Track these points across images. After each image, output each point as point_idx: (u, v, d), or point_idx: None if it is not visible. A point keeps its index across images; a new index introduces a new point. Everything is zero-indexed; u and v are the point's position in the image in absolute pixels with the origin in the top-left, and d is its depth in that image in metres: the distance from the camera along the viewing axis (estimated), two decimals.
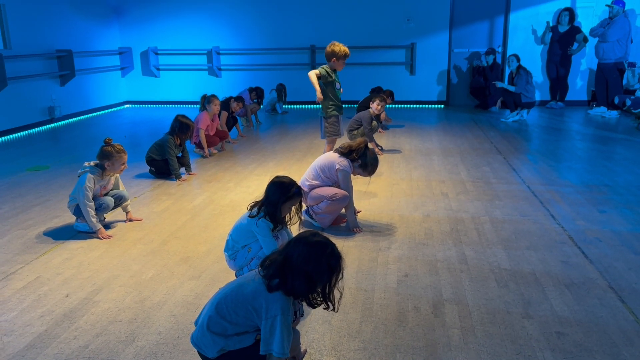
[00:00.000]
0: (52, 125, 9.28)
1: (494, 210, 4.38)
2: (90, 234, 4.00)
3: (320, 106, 5.29)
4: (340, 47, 5.04)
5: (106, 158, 3.99)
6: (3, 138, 8.13)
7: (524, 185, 5.07)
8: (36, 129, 8.89)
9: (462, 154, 6.48)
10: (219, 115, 6.95)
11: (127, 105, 11.84)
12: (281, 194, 2.90)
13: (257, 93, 8.97)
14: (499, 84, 9.09)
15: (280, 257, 2.00)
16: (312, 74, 5.09)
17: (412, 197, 4.79)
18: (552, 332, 2.57)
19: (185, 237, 3.95)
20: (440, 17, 10.50)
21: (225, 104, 7.44)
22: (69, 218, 4.27)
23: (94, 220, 3.90)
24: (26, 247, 3.80)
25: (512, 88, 8.81)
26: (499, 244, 3.66)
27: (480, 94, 10.49)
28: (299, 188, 3.00)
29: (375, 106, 6.62)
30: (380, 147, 6.78)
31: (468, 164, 5.94)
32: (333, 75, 5.16)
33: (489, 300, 2.89)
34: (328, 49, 5.10)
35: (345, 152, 3.94)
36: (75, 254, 3.67)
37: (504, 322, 2.67)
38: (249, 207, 2.96)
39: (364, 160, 3.94)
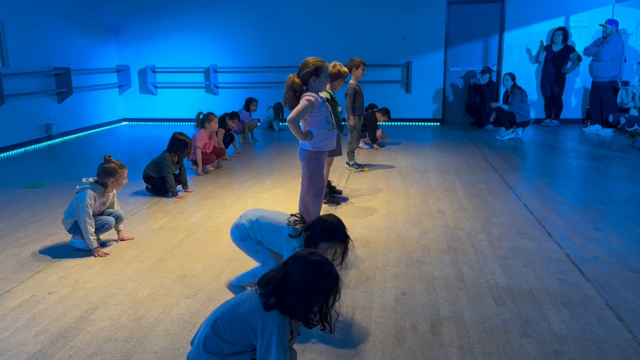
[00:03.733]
0: (49, 142, 9.28)
1: (491, 227, 4.39)
2: (86, 251, 3.98)
3: None
4: (344, 68, 5.04)
5: (110, 175, 4.00)
6: (0, 155, 8.13)
7: (520, 203, 5.08)
8: (33, 146, 8.89)
9: (459, 171, 6.50)
10: (216, 132, 6.97)
11: (125, 123, 11.87)
12: (323, 232, 2.82)
13: (250, 101, 9.03)
14: (493, 105, 9.20)
15: (278, 276, 2.00)
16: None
17: (409, 215, 4.79)
18: (550, 350, 2.56)
19: (181, 254, 3.93)
20: (436, 36, 10.61)
21: (222, 122, 7.47)
22: (65, 236, 4.25)
23: (92, 238, 3.89)
24: (21, 265, 3.78)
25: (506, 107, 8.89)
26: (496, 262, 3.66)
27: (476, 112, 10.57)
28: (345, 235, 2.85)
29: (359, 72, 6.36)
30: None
31: (464, 182, 5.96)
32: (334, 96, 5.14)
33: (486, 318, 2.88)
34: (333, 69, 4.96)
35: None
36: (71, 272, 3.65)
37: (501, 340, 2.66)
38: (292, 222, 2.87)
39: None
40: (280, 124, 10.41)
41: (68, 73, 9.52)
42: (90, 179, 4.03)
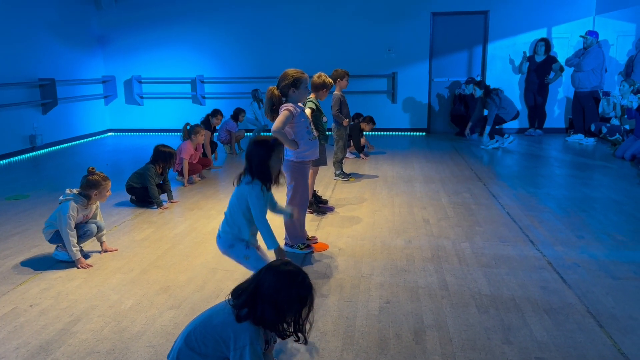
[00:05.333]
0: (34, 153, 9.20)
1: (475, 235, 4.43)
2: (69, 263, 3.94)
3: None
4: (329, 79, 5.09)
5: (94, 187, 3.98)
6: None
7: (504, 211, 5.13)
8: (17, 158, 8.80)
9: (443, 180, 6.56)
10: (202, 144, 6.96)
11: (110, 134, 11.81)
12: (266, 150, 2.98)
13: (238, 111, 8.98)
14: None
15: (251, 286, 1.99)
16: (309, 112, 4.77)
17: (394, 224, 4.82)
18: (531, 357, 2.58)
19: (165, 266, 3.92)
20: (421, 48, 10.72)
21: (206, 123, 7.51)
22: (48, 247, 4.21)
23: (74, 249, 3.86)
24: (3, 278, 3.73)
25: (486, 112, 9.09)
26: (480, 270, 3.69)
27: (461, 122, 10.67)
28: (276, 139, 3.13)
29: (344, 83, 6.38)
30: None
31: (449, 191, 6.01)
32: (319, 107, 5.16)
33: (469, 326, 2.90)
34: (318, 80, 4.99)
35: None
36: (54, 284, 3.61)
37: (484, 348, 2.68)
38: (236, 181, 3.06)
39: None
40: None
41: (53, 84, 9.46)
42: (74, 190, 4.01)
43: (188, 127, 6.62)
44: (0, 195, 6.18)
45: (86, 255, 4.12)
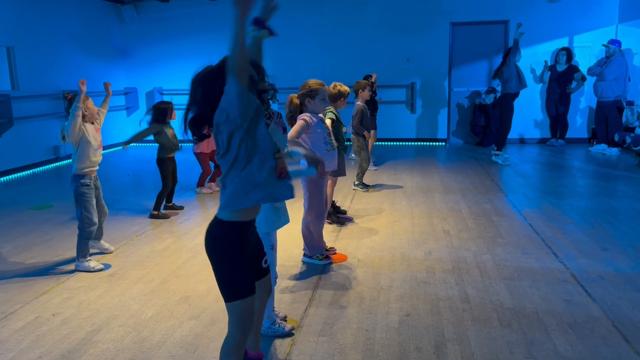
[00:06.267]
0: (57, 164, 9.36)
1: (496, 248, 4.37)
2: (91, 273, 3.99)
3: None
4: (345, 87, 5.10)
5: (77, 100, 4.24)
6: (8, 177, 8.19)
7: (526, 223, 5.06)
8: (41, 168, 8.97)
9: (464, 191, 6.49)
10: None
11: (132, 144, 11.96)
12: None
13: None
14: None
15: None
16: (329, 122, 4.68)
17: (414, 235, 4.78)
18: None
19: (185, 276, 3.94)
20: (440, 58, 10.69)
21: None
22: (71, 256, 4.27)
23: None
24: (26, 287, 3.79)
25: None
26: (501, 282, 3.64)
27: (481, 132, 10.59)
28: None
29: (366, 94, 6.46)
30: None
31: (469, 201, 5.94)
32: (339, 117, 5.16)
33: (491, 340, 2.86)
34: (333, 90, 4.98)
35: None
36: (76, 293, 3.66)
37: None
38: None
39: None
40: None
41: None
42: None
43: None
44: (25, 204, 6.29)
45: (107, 266, 4.16)
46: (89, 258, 4.11)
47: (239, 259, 2.07)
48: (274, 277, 3.05)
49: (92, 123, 4.25)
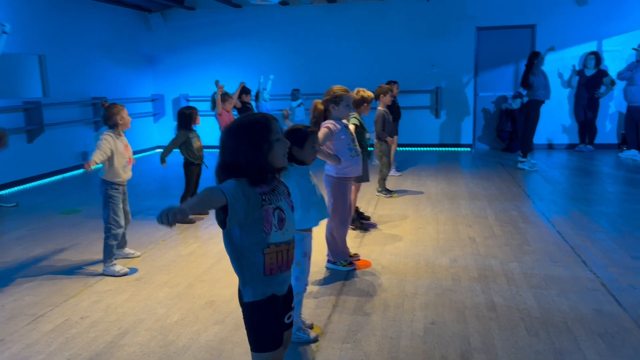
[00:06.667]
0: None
1: (523, 255, 4.30)
2: (118, 277, 4.06)
3: None
4: (368, 93, 5.09)
5: (114, 115, 4.19)
6: (39, 182, 8.38)
7: (554, 230, 4.97)
8: (70, 173, 9.15)
9: (490, 198, 6.41)
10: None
11: (158, 150, 12.14)
12: (299, 138, 2.94)
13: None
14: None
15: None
16: (352, 128, 4.65)
17: (439, 242, 4.74)
18: None
19: (211, 280, 3.97)
20: (465, 62, 10.61)
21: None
22: (99, 259, 4.35)
23: (95, 159, 4.11)
24: (56, 290, 3.87)
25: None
26: (529, 291, 3.58)
27: (507, 137, 10.46)
28: (308, 127, 3.08)
29: (387, 99, 6.40)
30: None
31: (496, 208, 5.86)
32: (363, 123, 5.15)
33: (518, 349, 2.81)
34: (356, 96, 4.97)
35: None
36: (103, 296, 3.72)
37: None
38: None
39: None
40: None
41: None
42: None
43: (215, 96, 6.87)
44: (54, 209, 6.43)
45: (134, 270, 4.22)
46: (114, 262, 4.17)
47: (270, 319, 2.02)
48: (304, 284, 3.04)
49: (121, 135, 4.28)
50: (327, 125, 3.90)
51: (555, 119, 10.36)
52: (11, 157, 7.61)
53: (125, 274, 4.11)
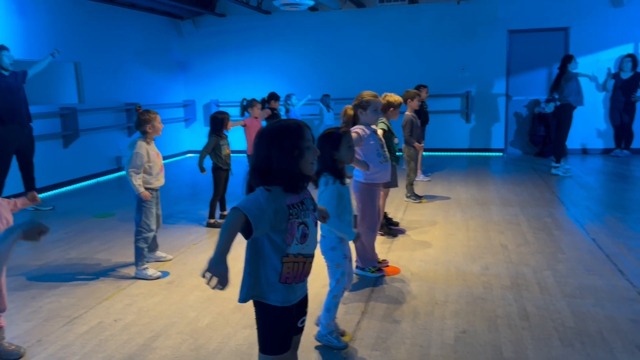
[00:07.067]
0: (120, 173, 9.75)
1: (557, 263, 4.21)
2: (150, 280, 4.13)
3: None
4: (395, 97, 5.06)
5: (146, 122, 4.28)
6: (74, 186, 8.60)
7: (589, 238, 4.85)
8: (104, 178, 9.36)
9: (522, 203, 6.29)
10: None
11: (189, 155, 12.33)
12: (333, 142, 2.94)
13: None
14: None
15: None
16: (380, 133, 4.63)
17: (469, 249, 4.68)
18: None
19: (240, 284, 3.98)
20: (497, 66, 10.47)
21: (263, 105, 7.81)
22: (132, 262, 4.43)
23: (137, 184, 4.19)
24: (90, 292, 3.96)
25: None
26: (563, 300, 3.50)
27: (540, 142, 10.27)
28: (340, 128, 3.08)
29: (414, 104, 6.41)
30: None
31: (528, 215, 5.75)
32: (391, 128, 5.13)
33: None
34: (383, 100, 4.87)
35: None
36: (136, 299, 3.78)
37: None
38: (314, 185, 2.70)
39: None
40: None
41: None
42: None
43: (245, 102, 6.94)
44: (89, 213, 6.58)
45: (165, 273, 4.29)
46: (146, 265, 4.24)
47: (279, 325, 2.08)
48: (344, 287, 3.03)
49: (152, 141, 4.37)
50: (356, 130, 3.90)
51: (590, 123, 10.13)
52: (47, 162, 7.83)
53: (157, 278, 4.17)
